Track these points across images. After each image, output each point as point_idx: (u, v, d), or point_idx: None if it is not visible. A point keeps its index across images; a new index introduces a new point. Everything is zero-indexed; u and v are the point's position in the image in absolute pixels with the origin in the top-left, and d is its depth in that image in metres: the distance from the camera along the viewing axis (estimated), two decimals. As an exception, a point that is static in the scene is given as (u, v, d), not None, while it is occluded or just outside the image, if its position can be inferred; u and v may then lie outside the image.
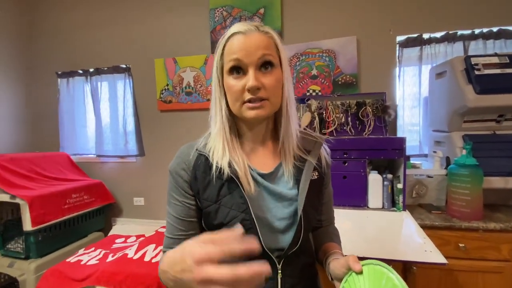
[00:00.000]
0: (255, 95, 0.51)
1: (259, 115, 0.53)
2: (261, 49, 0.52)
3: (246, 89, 0.51)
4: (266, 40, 0.53)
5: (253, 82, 0.50)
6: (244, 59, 0.51)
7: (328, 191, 0.68)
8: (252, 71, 0.51)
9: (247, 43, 0.51)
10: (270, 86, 0.52)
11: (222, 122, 0.56)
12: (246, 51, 0.51)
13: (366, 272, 0.44)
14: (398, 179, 1.35)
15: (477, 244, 1.22)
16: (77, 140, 2.35)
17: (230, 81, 0.53)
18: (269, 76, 0.52)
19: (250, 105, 0.52)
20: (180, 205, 0.57)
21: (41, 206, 1.65)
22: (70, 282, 1.37)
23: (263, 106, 0.52)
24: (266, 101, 0.52)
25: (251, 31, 0.52)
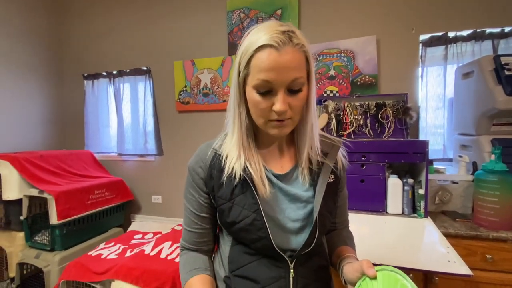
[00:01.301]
0: (281, 116, 0.51)
1: (282, 132, 0.54)
2: (293, 71, 0.48)
3: (273, 110, 0.50)
4: (298, 57, 0.49)
5: (282, 107, 0.49)
6: (274, 82, 0.48)
7: (344, 194, 0.67)
8: (281, 95, 0.49)
9: (280, 63, 0.47)
10: (297, 107, 0.52)
11: (240, 131, 0.55)
12: (277, 72, 0.47)
13: (380, 277, 0.43)
14: (420, 184, 1.29)
15: (505, 255, 1.13)
16: (100, 139, 2.46)
17: (255, 97, 0.51)
18: (297, 98, 0.51)
19: (275, 124, 0.52)
20: (195, 200, 0.60)
21: (67, 201, 1.75)
22: (91, 274, 1.43)
23: (287, 125, 0.53)
24: (290, 120, 0.52)
25: (285, 45, 0.47)
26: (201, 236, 0.62)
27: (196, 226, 0.61)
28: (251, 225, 0.51)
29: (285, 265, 0.53)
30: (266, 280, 0.52)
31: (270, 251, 0.51)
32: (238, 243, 0.56)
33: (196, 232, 0.61)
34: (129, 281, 1.30)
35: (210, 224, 0.62)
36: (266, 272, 0.52)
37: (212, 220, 0.61)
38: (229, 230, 0.56)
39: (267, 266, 0.53)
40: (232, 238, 0.57)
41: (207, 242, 0.63)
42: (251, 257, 0.54)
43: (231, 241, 0.57)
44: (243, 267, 0.54)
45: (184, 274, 0.58)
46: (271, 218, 0.53)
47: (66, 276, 1.50)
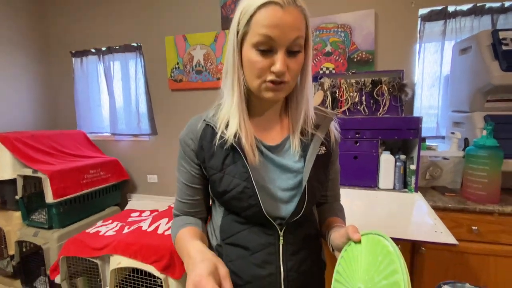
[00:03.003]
0: (280, 78, 0.50)
1: (277, 97, 0.53)
2: (296, 30, 0.48)
3: (271, 70, 0.49)
4: (300, 17, 0.49)
5: (281, 67, 0.48)
6: (277, 39, 0.47)
7: (335, 167, 0.67)
8: (281, 54, 0.48)
9: (284, 21, 0.46)
10: (294, 70, 0.51)
11: (240, 96, 0.54)
12: (280, 30, 0.47)
13: (364, 241, 0.45)
14: (412, 160, 1.31)
15: (491, 227, 1.18)
16: (92, 119, 2.42)
17: (253, 56, 0.49)
18: (295, 60, 0.50)
19: (271, 86, 0.50)
20: (186, 172, 0.60)
21: (61, 180, 1.74)
22: (90, 250, 1.46)
23: (282, 89, 0.52)
24: (286, 83, 0.51)
25: (289, 5, 0.47)
26: (193, 206, 0.62)
27: (188, 198, 0.61)
28: (242, 193, 0.52)
29: (275, 233, 0.54)
30: (256, 246, 0.54)
31: (260, 219, 0.52)
32: (229, 213, 0.57)
33: (188, 203, 0.62)
34: (128, 255, 1.34)
35: (202, 195, 0.62)
36: (256, 239, 0.54)
37: (204, 191, 0.62)
38: (220, 199, 0.56)
39: (257, 234, 0.54)
40: (223, 209, 0.58)
41: (199, 212, 0.64)
42: (241, 225, 0.55)
43: (223, 212, 0.58)
44: (234, 235, 0.55)
45: (174, 230, 0.59)
46: (261, 187, 0.54)
47: (65, 252, 1.53)
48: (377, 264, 0.40)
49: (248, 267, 0.53)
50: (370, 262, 0.41)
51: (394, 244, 0.39)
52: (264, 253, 0.53)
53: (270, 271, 0.53)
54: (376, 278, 0.38)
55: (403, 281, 0.33)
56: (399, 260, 0.36)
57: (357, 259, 0.44)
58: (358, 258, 0.44)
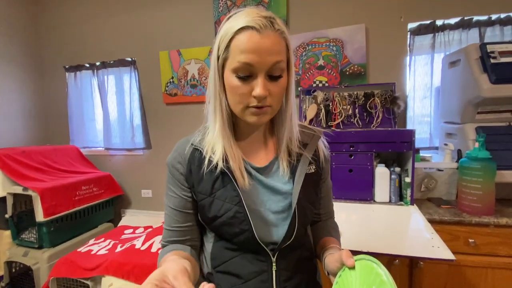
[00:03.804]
0: (261, 102, 0.49)
1: (261, 121, 0.52)
2: (275, 55, 0.47)
3: (252, 95, 0.49)
4: (279, 42, 0.48)
5: (262, 92, 0.48)
6: (255, 64, 0.47)
7: (327, 185, 0.67)
8: (261, 79, 0.48)
9: (261, 46, 0.46)
10: (277, 94, 0.51)
11: (223, 121, 0.54)
12: (258, 55, 0.46)
13: (358, 267, 0.44)
14: (406, 173, 1.32)
15: (487, 239, 1.18)
16: (86, 134, 2.39)
17: (234, 82, 0.49)
18: (277, 84, 0.50)
19: (254, 111, 0.50)
20: (176, 197, 0.58)
21: (52, 198, 1.70)
22: (81, 271, 1.42)
23: (266, 112, 0.51)
24: (269, 107, 0.51)
25: (266, 29, 0.46)
26: (182, 234, 0.58)
27: (178, 225, 0.58)
28: (233, 218, 0.51)
29: (267, 259, 0.52)
30: (248, 274, 0.52)
31: (252, 245, 0.51)
32: (220, 239, 0.55)
33: (177, 230, 0.58)
34: (120, 276, 1.30)
35: (193, 221, 0.59)
36: (248, 267, 0.52)
37: (195, 216, 0.59)
38: (210, 225, 0.55)
39: (249, 261, 0.52)
40: (214, 235, 0.57)
41: (190, 240, 0.60)
42: (233, 252, 0.54)
43: (213, 238, 0.57)
44: (225, 263, 0.54)
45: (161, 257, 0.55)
46: (253, 210, 0.53)
47: (56, 273, 1.48)
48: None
49: None
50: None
51: (387, 272, 0.39)
52: (257, 281, 0.51)
53: None
54: None
55: None
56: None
57: (351, 286, 0.43)
58: (352, 285, 0.43)
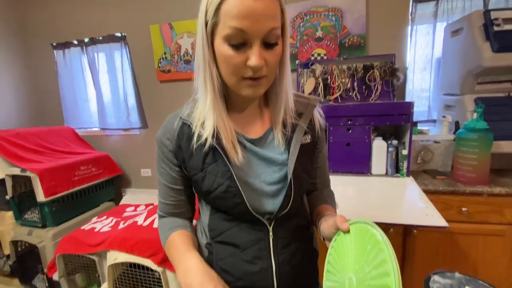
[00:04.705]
0: (257, 73, 0.46)
1: (257, 93, 0.50)
2: (270, 20, 0.43)
3: (247, 65, 0.45)
4: (274, 5, 0.44)
5: (258, 61, 0.44)
6: (249, 31, 0.42)
7: (323, 154, 0.66)
8: (257, 47, 0.44)
9: (255, 10, 0.41)
10: (272, 63, 0.47)
11: (214, 94, 0.50)
12: (252, 21, 0.42)
13: (352, 230, 0.45)
14: (404, 145, 1.32)
15: (480, 208, 1.21)
16: (80, 114, 2.35)
17: (226, 51, 0.45)
18: (272, 52, 0.46)
19: (249, 83, 0.47)
20: (167, 173, 0.58)
21: (51, 179, 1.71)
22: (86, 247, 1.46)
23: (261, 84, 0.49)
24: (265, 78, 0.48)
25: None
26: (177, 207, 0.61)
27: (172, 199, 0.60)
28: (226, 192, 0.51)
29: (264, 228, 0.53)
30: (246, 243, 0.53)
31: (248, 216, 0.51)
32: (217, 211, 0.56)
33: (172, 204, 0.61)
34: (124, 250, 1.34)
35: (185, 195, 0.61)
36: (246, 236, 0.53)
37: (187, 191, 0.60)
38: (205, 198, 0.55)
39: (246, 230, 0.53)
40: (210, 207, 0.57)
41: (184, 212, 0.62)
42: (230, 223, 0.54)
43: (210, 210, 0.57)
44: (223, 233, 0.55)
45: (164, 234, 0.58)
46: (246, 184, 0.52)
47: (61, 250, 1.53)
48: (366, 253, 0.40)
49: (239, 264, 0.53)
50: (359, 252, 0.41)
51: (382, 232, 0.39)
52: (255, 249, 0.53)
53: (262, 267, 0.52)
54: (366, 268, 0.38)
55: (392, 271, 0.33)
56: (387, 249, 0.36)
57: (347, 249, 0.44)
58: (347, 248, 0.44)
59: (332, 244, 0.49)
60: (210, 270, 0.45)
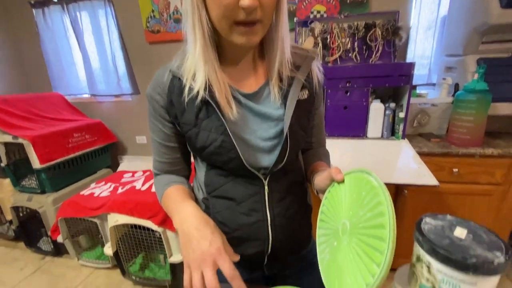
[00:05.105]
0: (251, 15, 0.41)
1: (251, 42, 0.45)
2: None
3: (240, 6, 0.40)
4: None
5: (251, 1, 0.39)
6: None
7: (320, 112, 0.64)
8: None
9: None
10: (268, 5, 0.42)
11: (204, 41, 0.46)
12: None
13: (347, 180, 0.44)
14: (401, 108, 1.31)
15: (471, 169, 1.24)
16: (68, 80, 2.25)
17: None
18: None
19: (243, 30, 0.43)
20: (159, 130, 0.56)
21: (45, 145, 1.69)
22: (86, 210, 1.50)
23: (256, 32, 0.44)
24: (259, 23, 0.43)
25: None
26: (173, 165, 0.60)
27: (166, 156, 0.59)
28: (220, 147, 0.49)
29: (259, 182, 0.53)
30: (242, 197, 0.53)
31: (243, 171, 0.51)
32: (212, 167, 0.55)
33: (167, 162, 0.60)
34: (124, 213, 1.38)
35: (180, 153, 0.59)
36: (241, 190, 0.53)
37: (182, 149, 0.59)
38: (200, 155, 0.54)
39: (242, 185, 0.53)
40: (206, 164, 0.56)
41: (180, 170, 0.62)
42: (226, 178, 0.54)
43: (205, 166, 0.57)
44: (219, 188, 0.55)
45: (160, 189, 0.58)
46: (241, 139, 0.51)
47: (62, 213, 1.56)
48: (361, 199, 0.39)
49: (235, 216, 0.54)
50: (354, 199, 0.41)
51: (378, 178, 0.38)
52: (251, 202, 0.53)
53: (257, 218, 0.53)
54: (360, 212, 0.38)
55: (387, 212, 0.32)
56: (383, 193, 0.35)
57: (341, 199, 0.44)
58: (342, 197, 0.44)
59: (326, 196, 0.49)
60: (206, 217, 0.46)
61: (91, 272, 1.68)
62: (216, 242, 0.41)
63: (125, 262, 1.52)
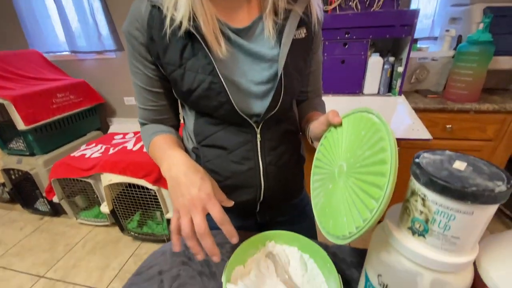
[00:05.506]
0: None
1: None
2: None
3: None
4: None
5: None
6: None
7: (318, 56, 0.59)
8: None
9: None
10: None
11: None
12: None
13: (345, 123, 0.41)
14: (400, 62, 1.25)
15: (464, 125, 1.24)
16: (45, 36, 2.07)
17: None
18: None
19: None
20: (141, 73, 0.50)
21: (28, 106, 1.60)
22: (79, 171, 1.49)
23: None
24: None
25: None
26: (159, 113, 0.55)
27: (152, 104, 0.53)
28: (208, 89, 0.45)
29: (251, 130, 0.50)
30: (234, 145, 0.51)
31: (234, 117, 0.48)
32: (201, 116, 0.52)
33: (153, 109, 0.54)
34: (117, 172, 1.37)
35: (166, 100, 0.54)
36: (233, 138, 0.51)
37: (168, 95, 0.54)
38: (187, 101, 0.50)
39: (234, 133, 0.51)
40: (194, 112, 0.53)
41: (168, 119, 0.57)
42: (216, 126, 0.51)
43: (194, 115, 0.53)
44: (210, 137, 0.52)
45: (147, 138, 0.54)
46: (231, 82, 0.47)
47: (54, 175, 1.55)
48: (360, 138, 0.36)
49: (227, 165, 0.52)
50: (352, 140, 0.38)
51: (380, 115, 0.34)
52: (242, 150, 0.51)
53: (249, 166, 0.52)
54: (358, 151, 0.35)
55: (389, 146, 0.30)
56: (385, 128, 0.31)
57: (338, 142, 0.41)
58: (339, 141, 0.41)
59: (321, 142, 0.46)
60: (196, 164, 0.43)
61: (90, 229, 1.73)
62: (206, 187, 0.39)
63: (123, 219, 1.56)
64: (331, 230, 0.36)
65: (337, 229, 0.35)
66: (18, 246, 1.64)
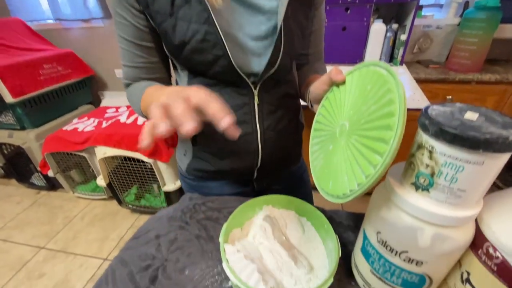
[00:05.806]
0: None
1: None
2: None
3: None
4: None
5: None
6: None
7: (320, 14, 0.55)
8: None
9: None
10: None
11: None
12: None
13: (349, 80, 0.37)
14: (403, 30, 1.20)
15: (464, 96, 1.22)
16: (26, 2, 1.92)
17: None
18: None
19: None
20: (128, 24, 0.45)
21: (14, 77, 1.53)
22: (72, 145, 1.46)
23: None
24: None
25: None
26: (150, 71, 0.49)
27: (141, 60, 0.48)
28: (203, 41, 0.41)
29: (249, 92, 0.48)
30: (229, 108, 0.48)
31: (231, 75, 0.44)
32: (195, 76, 0.48)
33: (142, 67, 0.48)
34: (111, 145, 1.35)
35: (157, 56, 0.49)
36: (229, 101, 0.48)
37: (159, 51, 0.49)
38: (179, 58, 0.46)
39: (230, 95, 0.48)
40: (187, 72, 0.49)
41: (159, 79, 0.51)
42: (212, 88, 0.47)
43: (187, 76, 0.49)
44: None
45: (138, 94, 0.46)
46: (227, 34, 0.42)
47: (47, 149, 1.52)
48: (365, 94, 0.32)
49: None
50: (356, 97, 0.34)
51: (389, 66, 0.30)
52: (239, 114, 0.49)
53: (246, 131, 0.50)
54: (363, 107, 0.32)
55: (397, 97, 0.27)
56: (394, 79, 0.28)
57: (340, 102, 0.37)
58: (341, 100, 0.37)
59: (322, 103, 0.43)
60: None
61: (88, 203, 1.74)
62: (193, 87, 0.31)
63: (120, 193, 1.56)
64: (331, 191, 0.35)
65: (337, 188, 0.33)
66: (17, 220, 1.65)
